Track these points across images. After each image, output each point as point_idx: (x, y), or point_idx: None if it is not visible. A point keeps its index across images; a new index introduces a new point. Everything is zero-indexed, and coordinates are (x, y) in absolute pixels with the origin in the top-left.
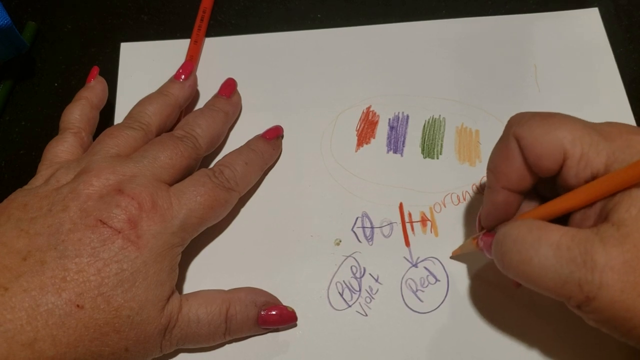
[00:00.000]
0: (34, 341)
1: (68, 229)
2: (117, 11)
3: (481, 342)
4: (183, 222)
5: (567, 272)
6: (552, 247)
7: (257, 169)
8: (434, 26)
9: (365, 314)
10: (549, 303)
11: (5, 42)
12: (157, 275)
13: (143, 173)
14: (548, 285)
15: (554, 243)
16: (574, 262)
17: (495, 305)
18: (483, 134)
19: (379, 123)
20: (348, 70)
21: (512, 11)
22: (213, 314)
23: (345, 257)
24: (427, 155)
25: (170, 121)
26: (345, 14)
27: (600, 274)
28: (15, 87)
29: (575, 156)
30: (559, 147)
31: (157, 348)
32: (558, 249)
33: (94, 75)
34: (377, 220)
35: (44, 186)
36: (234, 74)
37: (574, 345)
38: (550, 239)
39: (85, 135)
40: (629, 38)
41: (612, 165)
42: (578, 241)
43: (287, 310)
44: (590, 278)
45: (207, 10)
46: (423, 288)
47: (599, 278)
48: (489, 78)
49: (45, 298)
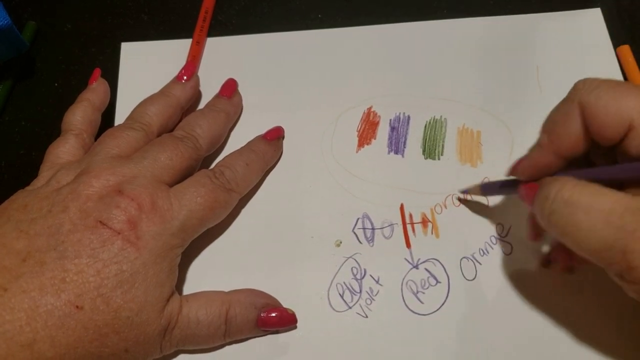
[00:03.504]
0: (33, 342)
1: (68, 229)
2: (117, 11)
3: (482, 344)
4: (183, 223)
5: (613, 239)
6: (603, 214)
7: (258, 169)
8: (435, 26)
9: (366, 315)
10: (551, 304)
11: (5, 42)
12: (157, 276)
13: (143, 174)
14: (591, 249)
15: (605, 209)
16: (623, 229)
17: (496, 306)
18: (484, 135)
19: (380, 123)
20: (349, 71)
21: (513, 11)
22: (213, 315)
23: (345, 259)
24: (429, 156)
25: (171, 122)
26: (346, 14)
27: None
28: (15, 87)
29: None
30: (626, 116)
31: (157, 349)
32: (609, 215)
33: (96, 77)
34: (377, 222)
35: (45, 187)
36: (234, 74)
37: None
38: (603, 205)
39: (87, 137)
40: (631, 38)
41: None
42: (632, 210)
43: (287, 312)
44: (636, 247)
45: (209, 10)
46: (424, 290)
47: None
48: (490, 78)
49: (45, 299)
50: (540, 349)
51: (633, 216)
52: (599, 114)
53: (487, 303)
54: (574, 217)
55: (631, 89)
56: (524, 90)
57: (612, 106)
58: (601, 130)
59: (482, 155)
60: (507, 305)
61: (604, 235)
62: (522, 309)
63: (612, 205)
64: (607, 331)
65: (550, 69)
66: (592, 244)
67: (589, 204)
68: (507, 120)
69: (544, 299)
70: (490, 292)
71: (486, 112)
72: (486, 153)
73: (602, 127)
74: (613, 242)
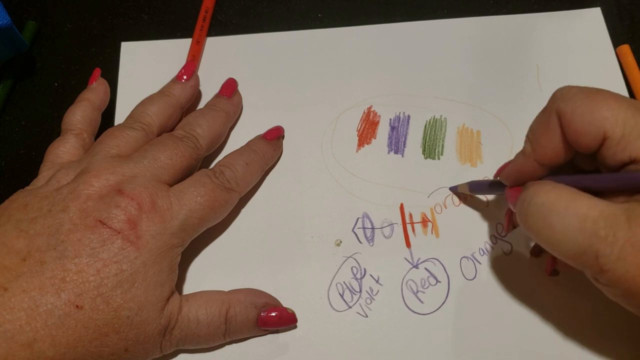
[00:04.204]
0: (33, 341)
1: (68, 229)
2: (117, 10)
3: (481, 343)
4: (183, 222)
5: (587, 244)
6: (577, 218)
7: (258, 169)
8: (435, 26)
9: (366, 315)
10: (551, 304)
11: (5, 41)
12: (157, 275)
13: (143, 173)
14: (566, 253)
15: (580, 214)
16: (596, 235)
17: (496, 306)
18: (484, 135)
19: (380, 123)
20: (349, 70)
21: (513, 11)
22: (213, 315)
23: (345, 258)
24: (428, 156)
25: (171, 122)
26: (346, 14)
27: (619, 249)
28: (15, 86)
29: (615, 137)
30: (600, 127)
31: (157, 348)
32: (584, 221)
33: (96, 77)
34: (377, 221)
35: (45, 187)
36: (234, 73)
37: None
38: (578, 210)
39: (87, 137)
40: (631, 38)
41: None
42: (605, 216)
43: (287, 311)
44: (608, 251)
45: (209, 10)
46: (424, 289)
47: (617, 252)
48: (490, 78)
49: (45, 298)
50: (540, 349)
51: (606, 222)
52: (575, 123)
53: (487, 303)
54: (549, 220)
55: (606, 99)
56: (523, 89)
57: (587, 116)
58: (578, 139)
59: (482, 155)
60: (506, 305)
61: (578, 240)
62: (522, 308)
63: (586, 211)
64: (608, 331)
65: (550, 69)
66: (566, 248)
67: (564, 208)
68: (507, 120)
69: (544, 298)
70: (490, 291)
71: (486, 112)
72: (486, 153)
73: (579, 137)
74: (587, 247)
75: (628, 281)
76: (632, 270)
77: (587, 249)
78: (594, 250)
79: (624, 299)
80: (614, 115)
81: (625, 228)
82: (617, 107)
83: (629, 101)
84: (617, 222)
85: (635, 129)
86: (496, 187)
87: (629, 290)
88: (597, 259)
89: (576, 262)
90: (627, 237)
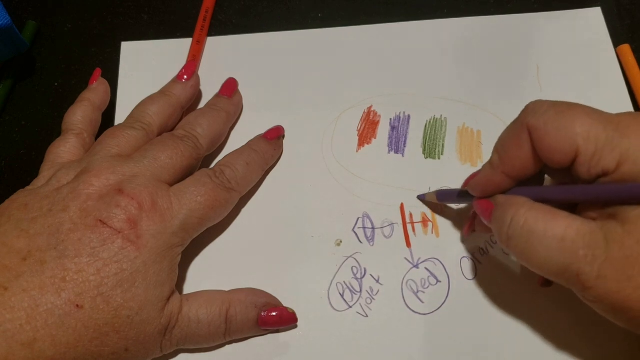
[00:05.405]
0: (33, 341)
1: (68, 229)
2: (117, 10)
3: (482, 343)
4: (183, 222)
5: (568, 263)
6: (556, 240)
7: (258, 169)
8: (435, 26)
9: (366, 315)
10: (551, 304)
11: (6, 41)
12: (157, 275)
13: (143, 173)
14: (550, 272)
15: (558, 235)
16: (576, 255)
17: (496, 306)
18: (485, 134)
19: (380, 123)
20: (349, 70)
21: (514, 11)
22: (213, 314)
23: (346, 258)
24: (429, 156)
25: (172, 122)
26: (346, 13)
27: (599, 267)
28: (15, 86)
29: (588, 153)
30: (572, 143)
31: (157, 348)
32: (562, 242)
33: (97, 77)
34: (378, 221)
35: (45, 186)
36: (234, 73)
37: (575, 346)
38: (555, 231)
39: (88, 137)
40: (631, 38)
41: (624, 164)
42: (582, 235)
43: (287, 311)
44: (588, 270)
45: (209, 10)
46: (424, 289)
47: (597, 270)
48: (490, 78)
49: (45, 298)
50: (540, 348)
51: (584, 241)
52: (547, 139)
53: (487, 302)
54: (530, 243)
55: (578, 114)
56: (524, 89)
57: (559, 131)
58: (550, 156)
59: (482, 154)
60: (507, 305)
61: (559, 260)
62: (522, 308)
63: (564, 231)
64: (608, 331)
65: (551, 68)
66: (549, 268)
67: (543, 231)
68: (507, 120)
69: (544, 298)
70: (490, 291)
71: (486, 112)
72: (486, 152)
73: (551, 153)
74: (568, 266)
75: (611, 296)
76: (613, 287)
77: (569, 268)
78: (575, 269)
79: (611, 314)
80: (586, 130)
81: (603, 246)
82: (590, 123)
83: (601, 115)
84: (594, 240)
85: (607, 144)
86: (464, 197)
87: (613, 306)
88: (578, 277)
89: (561, 280)
90: (606, 255)
